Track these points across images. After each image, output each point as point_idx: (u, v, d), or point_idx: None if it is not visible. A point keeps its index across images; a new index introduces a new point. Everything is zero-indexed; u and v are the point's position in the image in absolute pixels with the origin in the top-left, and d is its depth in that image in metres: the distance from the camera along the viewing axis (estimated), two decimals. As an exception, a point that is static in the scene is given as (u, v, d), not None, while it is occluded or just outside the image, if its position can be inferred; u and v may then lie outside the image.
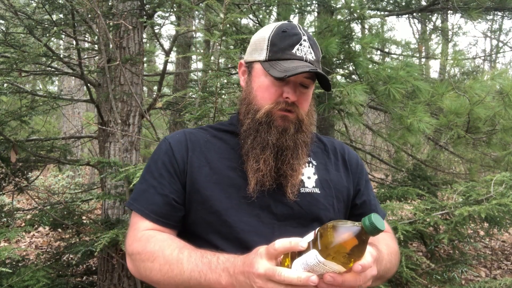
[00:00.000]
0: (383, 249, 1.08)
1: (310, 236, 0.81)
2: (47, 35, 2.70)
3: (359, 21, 3.21)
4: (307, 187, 1.11)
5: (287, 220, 1.06)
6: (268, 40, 1.10)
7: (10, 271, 1.83)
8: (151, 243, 1.02)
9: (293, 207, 1.07)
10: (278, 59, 1.07)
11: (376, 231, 0.73)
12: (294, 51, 1.07)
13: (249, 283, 0.83)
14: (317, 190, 1.12)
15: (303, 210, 1.07)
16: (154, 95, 4.87)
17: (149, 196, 1.09)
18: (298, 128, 1.09)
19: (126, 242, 1.09)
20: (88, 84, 3.02)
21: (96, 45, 3.13)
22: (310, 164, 1.16)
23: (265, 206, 1.06)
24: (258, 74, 1.12)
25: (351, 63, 3.07)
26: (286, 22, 1.15)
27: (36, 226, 2.62)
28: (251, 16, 3.61)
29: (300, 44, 1.08)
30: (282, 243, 0.80)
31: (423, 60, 5.81)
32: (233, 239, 1.03)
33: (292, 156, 1.08)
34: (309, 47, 1.09)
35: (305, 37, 1.09)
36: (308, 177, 1.13)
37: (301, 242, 0.80)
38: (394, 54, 4.72)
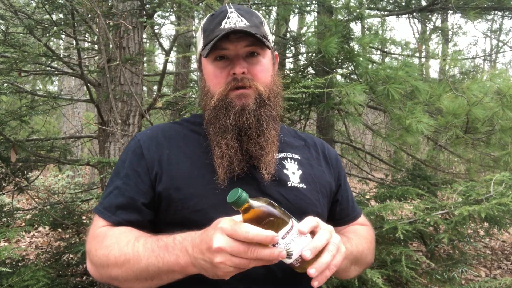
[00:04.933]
0: (350, 235, 1.11)
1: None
2: (47, 35, 2.70)
3: (359, 21, 3.21)
4: (293, 182, 1.08)
5: None
6: (202, 30, 1.09)
7: (10, 271, 1.83)
8: (107, 237, 0.96)
9: (281, 201, 1.03)
10: (210, 41, 1.02)
11: (232, 204, 0.79)
12: (222, 26, 1.03)
13: (209, 260, 0.78)
14: (303, 185, 1.09)
15: (291, 205, 1.03)
16: (154, 95, 4.87)
17: (113, 198, 1.02)
18: (260, 102, 1.04)
19: (86, 244, 1.03)
20: (88, 84, 3.02)
21: (96, 45, 3.13)
22: (293, 160, 1.12)
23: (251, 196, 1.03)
24: (204, 65, 1.09)
25: (351, 63, 3.07)
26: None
27: (36, 226, 2.62)
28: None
29: (228, 18, 1.04)
30: (256, 232, 0.76)
31: (423, 60, 5.81)
32: None
33: (257, 134, 1.03)
34: (238, 16, 1.04)
35: (232, 10, 1.05)
36: (293, 172, 1.10)
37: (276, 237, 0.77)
38: (394, 54, 4.72)
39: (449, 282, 2.39)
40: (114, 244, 0.93)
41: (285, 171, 1.09)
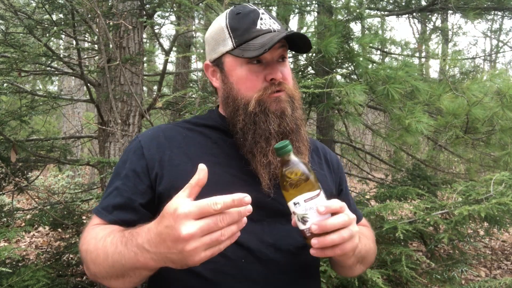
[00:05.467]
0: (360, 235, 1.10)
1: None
2: (47, 35, 2.70)
3: (359, 21, 3.21)
4: None
5: (277, 217, 1.01)
6: (227, 28, 1.02)
7: (10, 271, 1.83)
8: (91, 232, 0.94)
9: (283, 203, 1.00)
10: (247, 41, 0.98)
11: (277, 151, 0.86)
12: (258, 26, 0.99)
13: (178, 251, 0.73)
14: None
15: None
16: (154, 95, 4.87)
17: (111, 198, 1.01)
18: (293, 106, 1.03)
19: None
20: (88, 84, 3.02)
21: (96, 45, 3.13)
22: None
23: (256, 202, 0.96)
24: (232, 66, 1.03)
25: (351, 63, 3.07)
26: (234, 6, 1.07)
27: (36, 226, 2.62)
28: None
29: (261, 19, 1.00)
30: (225, 200, 0.72)
31: (423, 60, 5.82)
32: None
33: (297, 139, 1.02)
34: (270, 19, 1.02)
35: (262, 11, 1.02)
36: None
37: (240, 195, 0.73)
38: (394, 54, 4.72)
39: (449, 282, 2.39)
40: (92, 239, 0.91)
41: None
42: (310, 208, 0.83)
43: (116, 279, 0.87)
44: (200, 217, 0.72)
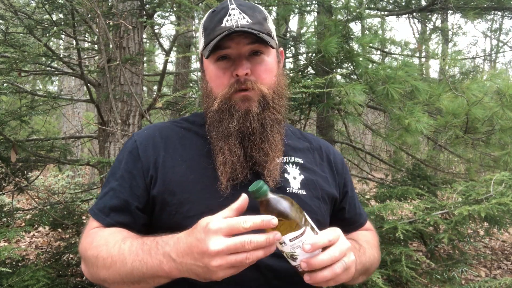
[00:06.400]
0: (364, 244, 1.08)
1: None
2: (47, 35, 2.70)
3: (359, 21, 3.21)
4: (292, 188, 1.03)
5: None
6: (202, 27, 1.04)
7: (10, 271, 1.83)
8: (97, 237, 0.94)
9: None
10: (212, 39, 0.97)
11: (251, 194, 0.81)
12: (223, 24, 0.97)
13: (203, 265, 0.75)
14: (303, 192, 1.04)
15: None
16: (154, 95, 4.87)
17: (107, 199, 1.00)
18: (264, 105, 0.99)
19: (79, 245, 1.02)
20: (88, 84, 3.02)
21: (96, 45, 3.13)
22: (295, 165, 1.08)
23: (250, 207, 0.93)
24: (206, 65, 1.04)
25: (350, 63, 3.07)
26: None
27: (36, 226, 2.62)
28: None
29: (229, 15, 0.98)
30: (254, 221, 0.74)
31: (423, 60, 5.82)
32: None
33: (261, 139, 0.98)
34: (240, 13, 0.98)
35: (233, 6, 1.00)
36: (294, 177, 1.05)
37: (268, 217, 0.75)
38: (393, 54, 4.72)
39: (449, 282, 2.39)
40: (103, 245, 0.91)
41: (286, 175, 1.05)
42: (297, 247, 0.80)
43: (129, 285, 0.88)
44: (229, 234, 0.74)
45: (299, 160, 1.10)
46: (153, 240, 0.85)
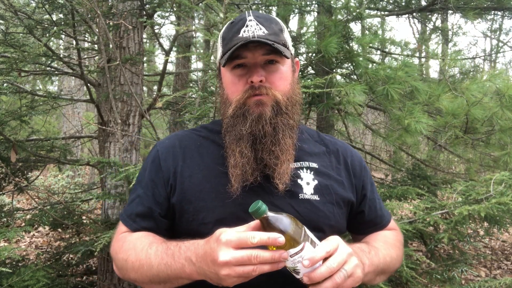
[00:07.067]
0: (378, 245, 1.09)
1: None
2: (47, 35, 2.70)
3: (359, 21, 3.21)
4: (305, 193, 1.05)
5: None
6: (221, 38, 1.09)
7: (10, 271, 1.83)
8: (126, 242, 1.03)
9: (292, 213, 0.99)
10: (229, 49, 1.02)
11: (252, 214, 0.84)
12: (240, 34, 1.02)
13: (214, 272, 0.82)
14: (316, 197, 1.06)
15: (302, 218, 1.00)
16: (154, 95, 4.87)
17: (134, 206, 1.09)
18: (277, 110, 1.02)
19: (110, 247, 1.11)
20: (88, 84, 3.02)
21: (96, 45, 3.13)
22: (309, 170, 1.09)
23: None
24: (223, 73, 1.09)
25: (350, 63, 3.07)
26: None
27: (36, 226, 2.63)
28: (250, 16, 3.60)
29: (246, 26, 1.03)
30: (262, 237, 0.79)
31: (423, 60, 5.82)
32: None
33: (272, 143, 1.01)
34: (257, 25, 1.03)
35: (250, 17, 1.05)
36: (307, 182, 1.07)
37: (280, 238, 0.80)
38: (394, 54, 4.72)
39: (449, 282, 2.39)
40: (132, 249, 0.99)
41: (299, 181, 1.06)
42: (298, 261, 0.84)
43: (157, 284, 0.97)
44: (238, 247, 0.80)
45: (314, 165, 1.11)
46: (176, 245, 0.93)
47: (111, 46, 2.60)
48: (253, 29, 1.02)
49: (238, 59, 1.02)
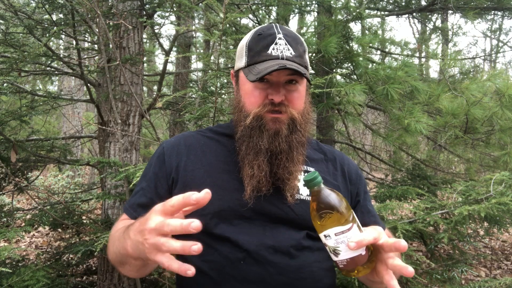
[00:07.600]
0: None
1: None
2: (47, 35, 2.70)
3: (359, 21, 3.21)
4: (301, 194, 1.10)
5: (280, 223, 1.06)
6: (246, 46, 1.12)
7: (10, 271, 1.83)
8: (118, 225, 1.08)
9: (288, 212, 1.06)
10: (255, 63, 1.07)
11: (305, 184, 0.85)
12: (269, 51, 1.06)
13: (141, 241, 0.78)
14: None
15: (297, 217, 1.06)
16: (154, 95, 4.87)
17: (137, 197, 1.15)
18: (293, 128, 1.08)
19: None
20: (88, 84, 3.02)
21: (96, 45, 3.13)
22: (306, 173, 1.13)
23: (259, 210, 1.06)
24: (243, 81, 1.12)
25: (350, 63, 3.07)
26: (264, 25, 1.16)
27: (36, 226, 2.62)
28: (250, 16, 3.62)
29: (276, 43, 1.07)
30: (177, 198, 0.75)
31: (423, 60, 5.82)
32: (224, 239, 1.03)
33: (287, 159, 1.07)
34: (286, 44, 1.07)
35: (280, 35, 1.08)
36: (304, 184, 1.10)
37: (195, 194, 0.75)
38: (394, 54, 4.72)
39: (449, 282, 2.39)
40: (113, 230, 1.06)
41: (296, 182, 1.11)
42: (342, 242, 0.81)
43: (121, 266, 0.98)
44: (163, 214, 0.77)
45: (311, 170, 1.16)
46: (132, 222, 0.90)
47: (111, 46, 2.60)
48: (282, 48, 1.06)
49: (264, 77, 1.06)
